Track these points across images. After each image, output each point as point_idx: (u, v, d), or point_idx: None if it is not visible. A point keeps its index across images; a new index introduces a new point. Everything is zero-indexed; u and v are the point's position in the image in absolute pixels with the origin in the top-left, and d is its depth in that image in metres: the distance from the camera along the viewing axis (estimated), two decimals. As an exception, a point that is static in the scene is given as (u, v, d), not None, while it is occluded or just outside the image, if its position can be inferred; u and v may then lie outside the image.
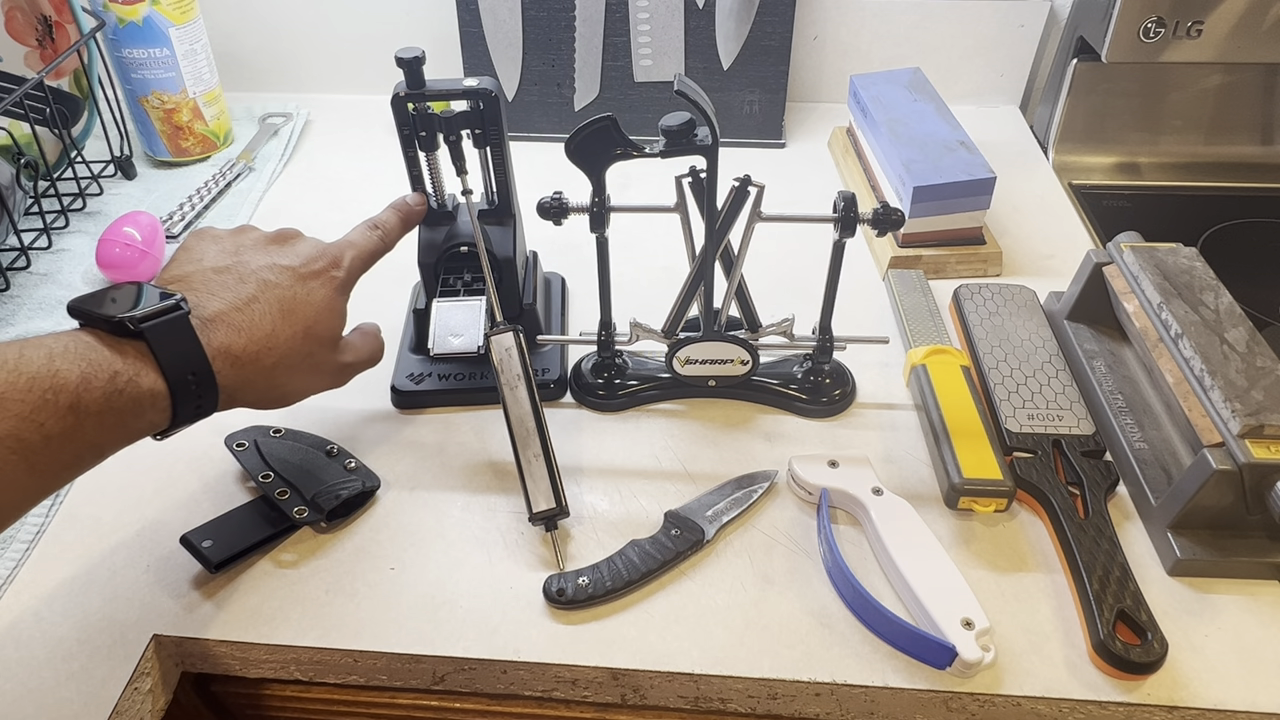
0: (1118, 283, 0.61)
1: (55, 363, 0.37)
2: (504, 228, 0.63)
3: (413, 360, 0.64)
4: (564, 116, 0.94)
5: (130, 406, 0.39)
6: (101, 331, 0.40)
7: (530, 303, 0.64)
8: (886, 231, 0.53)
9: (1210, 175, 0.91)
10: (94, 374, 0.38)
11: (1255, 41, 0.82)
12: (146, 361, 0.40)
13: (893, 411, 0.62)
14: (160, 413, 0.41)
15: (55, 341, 0.38)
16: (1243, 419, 0.48)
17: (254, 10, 0.98)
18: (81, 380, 0.37)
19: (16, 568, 0.52)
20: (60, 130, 0.81)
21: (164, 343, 0.41)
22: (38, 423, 0.36)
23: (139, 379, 0.39)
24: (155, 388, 0.40)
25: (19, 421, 0.35)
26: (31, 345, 0.38)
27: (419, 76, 0.55)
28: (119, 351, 0.40)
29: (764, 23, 0.88)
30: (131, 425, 0.40)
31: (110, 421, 0.39)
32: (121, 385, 0.39)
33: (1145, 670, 0.45)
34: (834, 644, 0.48)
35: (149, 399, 0.40)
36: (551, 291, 0.71)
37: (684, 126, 0.49)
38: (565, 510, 0.52)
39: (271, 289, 0.46)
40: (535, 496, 0.52)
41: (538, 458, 0.52)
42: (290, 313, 0.46)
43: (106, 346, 0.39)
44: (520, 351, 0.53)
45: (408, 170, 0.59)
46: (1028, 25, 0.94)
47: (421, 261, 0.62)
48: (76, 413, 0.37)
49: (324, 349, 0.49)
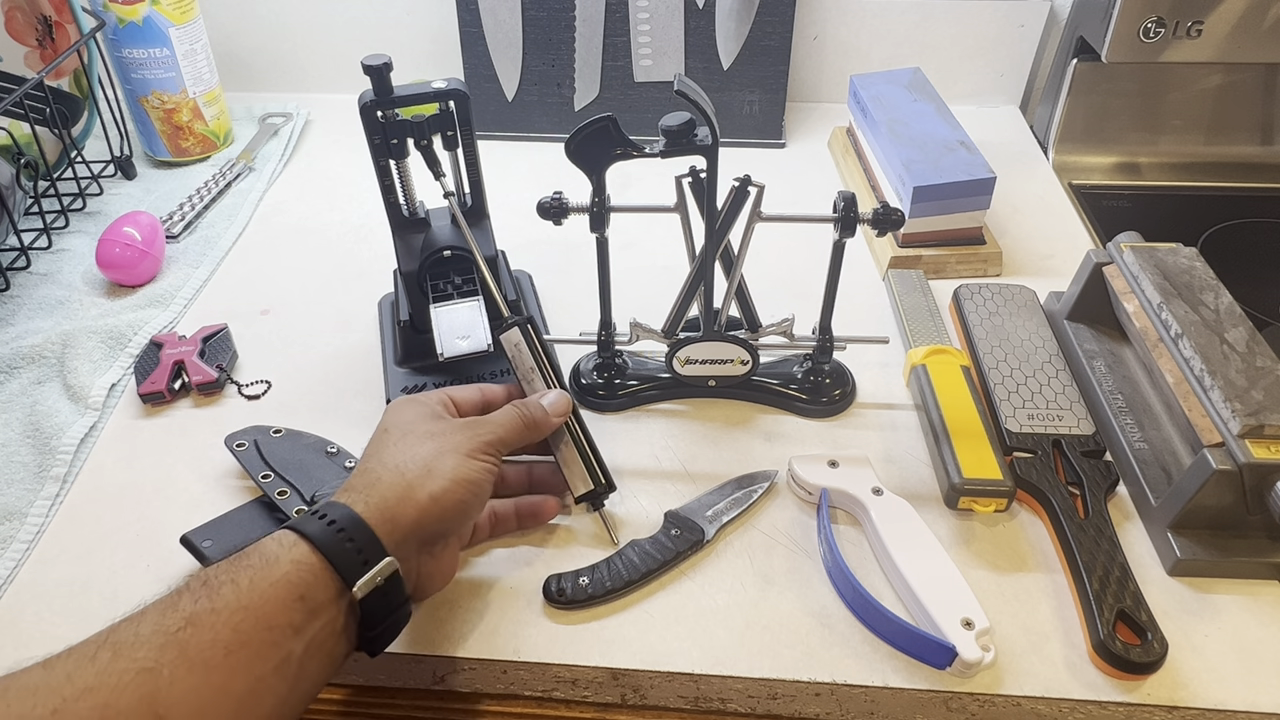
0: (1118, 283, 0.61)
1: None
2: (481, 228, 0.63)
3: (401, 374, 0.63)
4: (564, 116, 0.94)
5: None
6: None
7: (514, 299, 0.64)
8: (886, 231, 0.53)
9: (1210, 175, 0.91)
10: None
11: (1255, 41, 0.82)
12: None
13: (893, 411, 0.62)
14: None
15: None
16: (1243, 419, 0.48)
17: (254, 10, 0.98)
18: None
19: (16, 568, 0.52)
20: (60, 130, 0.81)
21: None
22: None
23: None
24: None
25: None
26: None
27: (386, 84, 0.55)
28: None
29: (764, 23, 0.88)
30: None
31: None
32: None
33: (1145, 670, 0.45)
34: (834, 644, 0.48)
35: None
36: (523, 288, 0.71)
37: (684, 126, 0.49)
38: (609, 486, 0.53)
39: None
40: (573, 482, 0.53)
41: (568, 445, 0.53)
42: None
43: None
44: (531, 343, 0.54)
45: (379, 180, 0.59)
46: (1028, 25, 0.95)
47: (404, 270, 0.61)
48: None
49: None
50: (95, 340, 0.67)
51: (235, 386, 0.64)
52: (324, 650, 0.38)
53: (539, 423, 0.50)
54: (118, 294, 0.73)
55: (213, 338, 0.66)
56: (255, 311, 0.72)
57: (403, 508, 0.41)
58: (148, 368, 0.64)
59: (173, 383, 0.63)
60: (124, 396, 0.64)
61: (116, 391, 0.64)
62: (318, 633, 0.37)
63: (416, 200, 0.63)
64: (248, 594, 0.36)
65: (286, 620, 0.36)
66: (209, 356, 0.65)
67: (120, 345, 0.67)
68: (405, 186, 0.61)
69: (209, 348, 0.65)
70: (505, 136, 0.95)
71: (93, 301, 0.72)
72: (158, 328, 0.69)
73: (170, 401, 0.63)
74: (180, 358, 0.64)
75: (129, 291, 0.73)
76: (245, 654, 0.35)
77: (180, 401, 0.64)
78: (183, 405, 0.63)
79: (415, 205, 0.62)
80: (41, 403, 0.62)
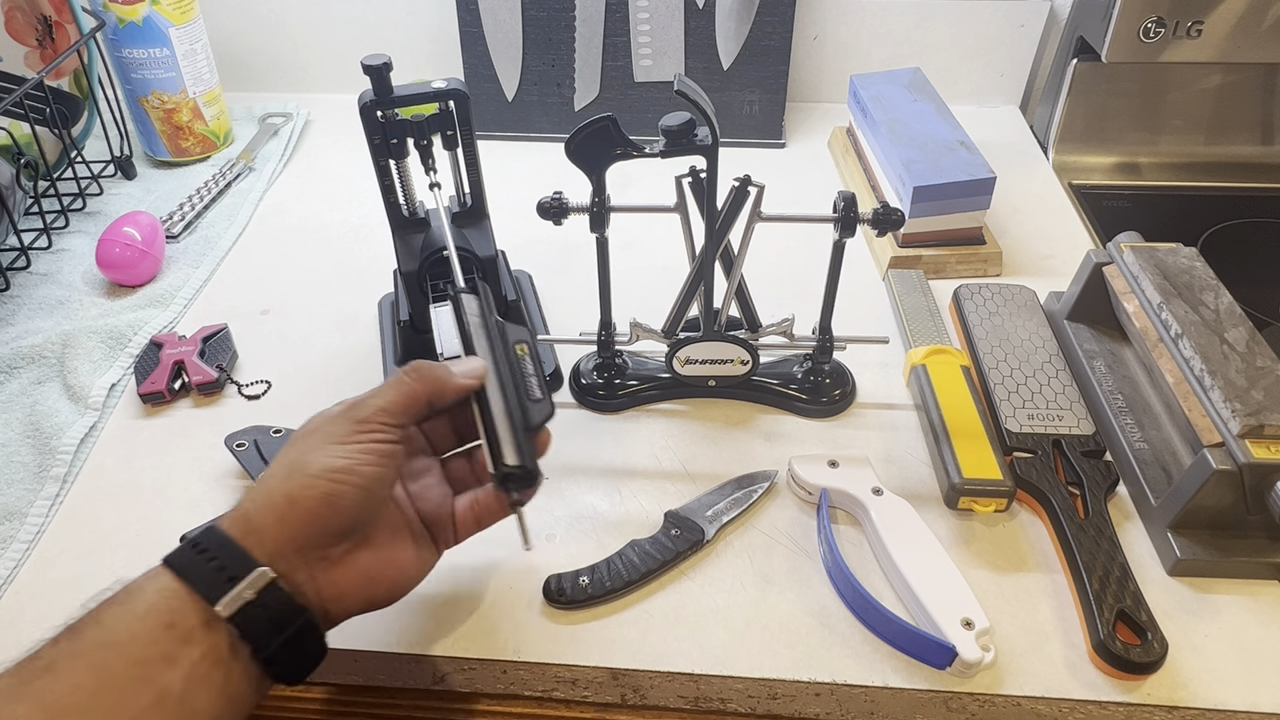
0: (1118, 283, 0.61)
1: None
2: (481, 228, 0.63)
3: None
4: (564, 116, 0.94)
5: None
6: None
7: (514, 299, 0.64)
8: (886, 231, 0.53)
9: (1210, 175, 0.91)
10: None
11: (1255, 41, 0.82)
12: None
13: (893, 411, 0.62)
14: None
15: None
16: (1243, 419, 0.48)
17: (254, 10, 0.98)
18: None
19: (16, 568, 0.52)
20: (60, 130, 0.81)
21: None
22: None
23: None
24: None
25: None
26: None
27: (386, 84, 0.55)
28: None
29: (764, 23, 0.88)
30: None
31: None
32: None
33: (1145, 670, 0.45)
34: (834, 644, 0.48)
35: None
36: (523, 288, 0.71)
37: (684, 126, 0.49)
38: (526, 471, 0.44)
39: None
40: (507, 450, 0.44)
41: (486, 417, 0.45)
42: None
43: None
44: (461, 317, 0.49)
45: (379, 180, 0.59)
46: (1028, 25, 0.94)
47: (404, 270, 0.61)
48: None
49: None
50: (95, 340, 0.67)
51: (235, 386, 0.64)
52: (210, 682, 0.35)
53: (437, 382, 0.43)
54: (118, 294, 0.73)
55: (213, 338, 0.66)
56: (255, 311, 0.72)
57: (263, 515, 0.38)
58: (148, 368, 0.64)
59: (173, 383, 0.63)
60: (124, 396, 0.64)
61: (116, 391, 0.64)
62: (197, 663, 0.34)
63: (416, 200, 0.63)
64: (111, 630, 0.34)
65: (157, 653, 0.34)
66: (209, 356, 0.65)
67: (120, 345, 0.67)
68: (405, 186, 0.61)
69: (209, 348, 0.65)
70: (505, 136, 0.95)
71: (93, 301, 0.72)
72: (158, 328, 0.69)
73: (170, 401, 0.63)
74: (180, 358, 0.64)
75: (129, 291, 0.73)
76: (111, 695, 0.32)
77: (180, 401, 0.64)
78: (183, 405, 0.63)
79: (415, 205, 0.62)
80: (41, 403, 0.62)
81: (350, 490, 0.39)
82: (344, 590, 0.40)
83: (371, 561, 0.41)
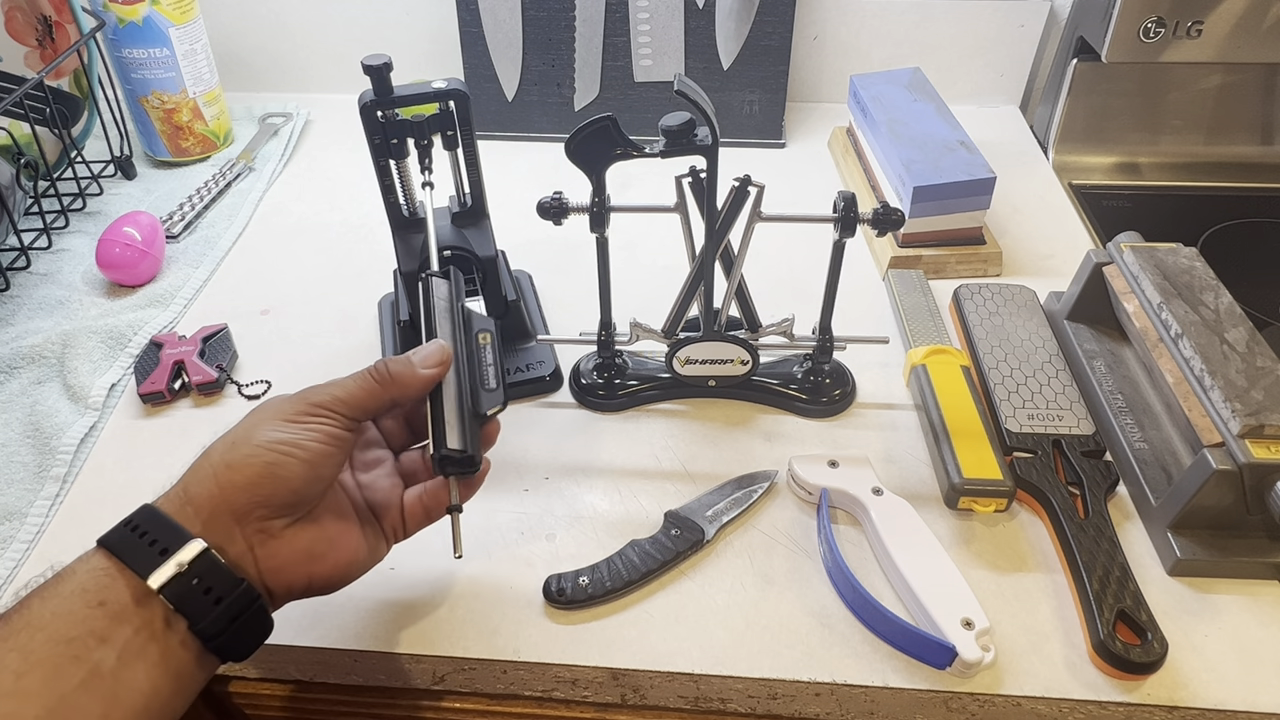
0: (1118, 283, 0.61)
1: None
2: (481, 228, 0.63)
3: None
4: (564, 116, 0.94)
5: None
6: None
7: (514, 299, 0.64)
8: (886, 231, 0.53)
9: (1210, 175, 0.91)
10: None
11: (1255, 41, 0.82)
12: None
13: (893, 411, 0.62)
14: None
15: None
16: (1243, 419, 0.48)
17: (254, 10, 0.98)
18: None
19: (16, 568, 0.52)
20: (60, 130, 0.81)
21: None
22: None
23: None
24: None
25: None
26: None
27: (386, 84, 0.55)
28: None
29: (764, 23, 0.88)
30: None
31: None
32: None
33: (1145, 670, 0.45)
34: (834, 644, 0.48)
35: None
36: (523, 288, 0.71)
37: (684, 126, 0.49)
38: (465, 456, 0.44)
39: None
40: (450, 436, 0.44)
41: (453, 405, 0.45)
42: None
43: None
44: (427, 298, 0.49)
45: (379, 180, 0.59)
46: (1028, 25, 0.94)
47: (404, 270, 0.61)
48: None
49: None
50: (95, 340, 0.67)
51: (235, 386, 0.64)
52: (145, 657, 0.34)
53: (398, 377, 0.43)
54: (118, 294, 0.73)
55: (213, 338, 0.66)
56: (255, 311, 0.72)
57: (201, 484, 0.38)
58: (148, 368, 0.64)
59: (173, 383, 0.63)
60: (124, 396, 0.64)
61: (116, 391, 0.64)
62: (131, 639, 0.34)
63: (416, 200, 0.63)
64: (38, 612, 0.34)
65: (87, 630, 0.33)
66: (209, 356, 0.65)
67: (120, 345, 0.67)
68: (405, 186, 0.61)
69: (209, 348, 0.65)
70: (505, 136, 0.95)
71: (93, 301, 0.72)
72: (158, 328, 0.69)
73: (170, 401, 0.63)
74: (180, 358, 0.64)
75: (129, 291, 0.73)
76: (39, 675, 0.32)
77: (180, 401, 0.64)
78: (183, 405, 0.63)
79: (415, 205, 0.62)
80: (41, 403, 0.62)
81: (293, 463, 0.39)
82: (283, 564, 0.39)
83: (314, 538, 0.40)
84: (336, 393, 0.42)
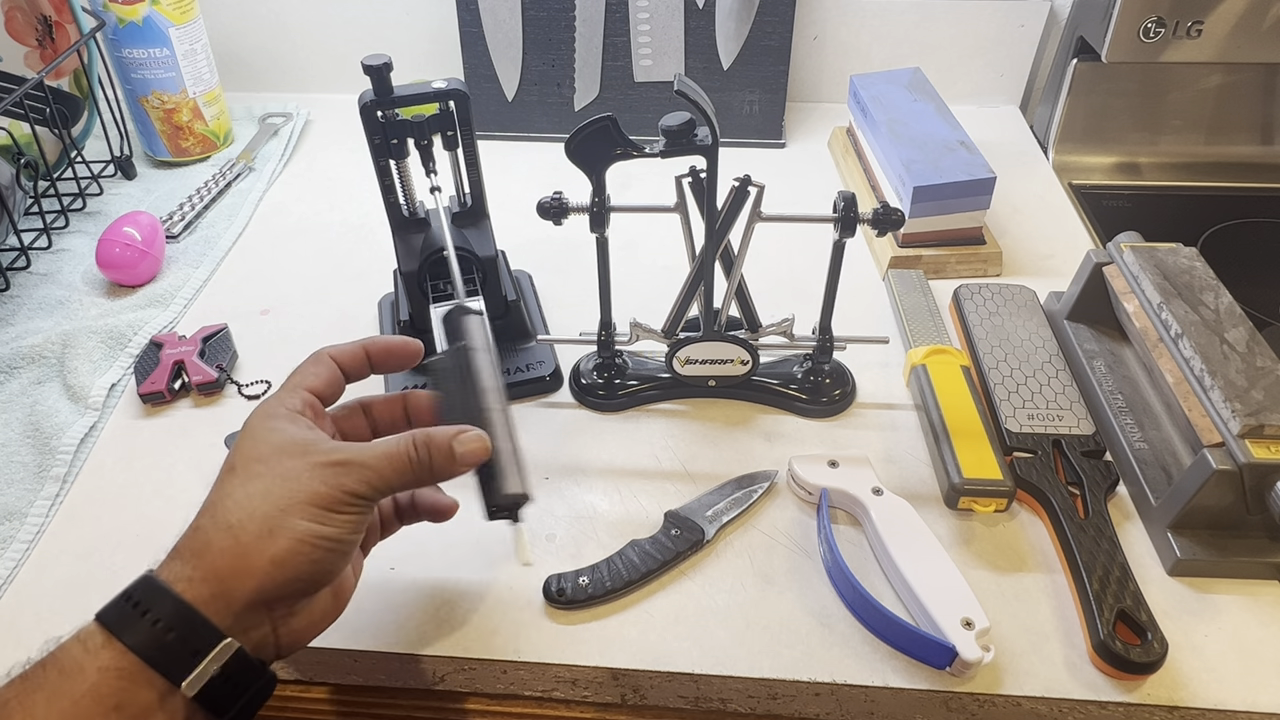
0: (1118, 283, 0.61)
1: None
2: (481, 228, 0.63)
3: (400, 374, 0.63)
4: (564, 116, 0.94)
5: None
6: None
7: (514, 299, 0.64)
8: (886, 231, 0.53)
9: (1210, 175, 0.91)
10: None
11: (1255, 41, 0.82)
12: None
13: (893, 411, 0.62)
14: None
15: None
16: (1243, 419, 0.48)
17: (254, 10, 0.98)
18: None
19: (16, 568, 0.52)
20: (60, 130, 0.81)
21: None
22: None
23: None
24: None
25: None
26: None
27: (386, 84, 0.55)
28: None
29: (764, 23, 0.88)
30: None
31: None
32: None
33: (1145, 670, 0.45)
34: (834, 644, 0.48)
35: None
36: (523, 288, 0.71)
37: (684, 126, 0.49)
38: (525, 497, 0.44)
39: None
40: (509, 481, 0.43)
41: (511, 439, 0.44)
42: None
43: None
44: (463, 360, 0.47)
45: (379, 180, 0.59)
46: (1028, 25, 0.94)
47: (403, 270, 0.61)
48: None
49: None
50: (95, 340, 0.67)
51: (235, 386, 0.64)
52: None
53: (437, 468, 0.40)
54: (118, 294, 0.73)
55: (213, 338, 0.66)
56: (255, 311, 0.72)
57: (238, 579, 0.35)
58: (148, 368, 0.64)
59: (173, 383, 0.63)
60: (124, 396, 0.64)
61: (116, 391, 0.64)
62: None
63: (416, 200, 0.63)
64: (44, 716, 0.32)
65: None
66: (209, 356, 0.65)
67: (120, 345, 0.67)
68: (405, 186, 0.61)
69: (209, 348, 0.65)
70: (505, 136, 0.95)
71: (93, 301, 0.72)
72: (158, 328, 0.69)
73: (170, 401, 0.63)
74: (180, 358, 0.64)
75: (129, 291, 0.73)
76: None
77: (180, 401, 0.64)
78: (183, 405, 0.63)
79: (415, 205, 0.62)
80: (41, 403, 0.62)
81: (334, 558, 0.38)
82: (300, 631, 0.39)
83: (328, 601, 0.40)
84: (372, 480, 0.38)
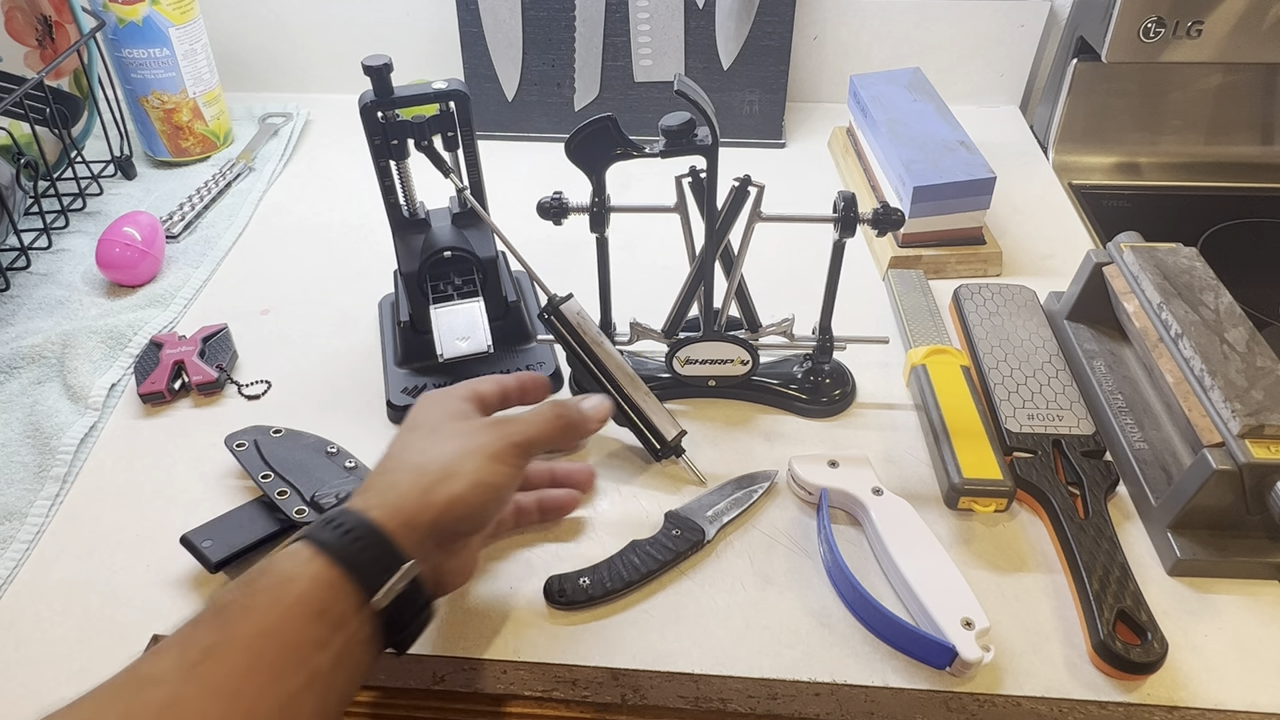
0: (1118, 283, 0.61)
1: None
2: (481, 229, 0.63)
3: (401, 374, 0.63)
4: (564, 116, 0.94)
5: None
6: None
7: (514, 300, 0.64)
8: (886, 231, 0.53)
9: (1210, 175, 0.91)
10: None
11: (1255, 41, 0.82)
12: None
13: (893, 411, 0.62)
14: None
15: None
16: (1243, 419, 0.48)
17: (254, 10, 0.98)
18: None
19: (16, 568, 0.52)
20: (60, 130, 0.81)
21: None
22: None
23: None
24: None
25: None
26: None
27: (386, 84, 0.55)
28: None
29: (764, 23, 0.88)
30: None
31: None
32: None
33: (1145, 670, 0.45)
34: (834, 644, 0.48)
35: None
36: (523, 288, 0.71)
37: (684, 126, 0.49)
38: (683, 431, 0.56)
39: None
40: (665, 427, 0.56)
41: (649, 395, 0.56)
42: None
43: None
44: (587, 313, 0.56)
45: (379, 181, 0.59)
46: (1028, 25, 0.95)
47: (404, 271, 0.61)
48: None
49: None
50: (95, 340, 0.67)
51: (235, 386, 0.64)
52: (351, 660, 0.37)
53: (575, 426, 0.49)
54: (118, 294, 0.73)
55: (213, 338, 0.66)
56: (255, 311, 0.72)
57: (420, 510, 0.40)
58: (148, 368, 0.64)
59: (173, 383, 0.63)
60: (124, 396, 0.64)
61: (116, 391, 0.64)
62: (344, 644, 0.37)
63: (416, 200, 0.63)
64: (264, 617, 0.35)
65: (310, 638, 0.36)
66: (209, 356, 0.65)
67: (120, 345, 0.67)
68: (405, 187, 0.61)
69: (209, 348, 0.65)
70: (505, 136, 0.95)
71: (93, 301, 0.72)
72: (158, 328, 0.69)
73: (170, 401, 0.63)
74: (180, 358, 0.64)
75: (129, 291, 0.73)
76: (269, 676, 0.34)
77: (180, 401, 0.64)
78: (183, 405, 0.63)
79: (415, 205, 0.62)
80: (41, 403, 0.62)
81: (497, 504, 0.44)
82: (450, 575, 0.45)
83: (471, 556, 0.47)
84: (530, 434, 0.46)
